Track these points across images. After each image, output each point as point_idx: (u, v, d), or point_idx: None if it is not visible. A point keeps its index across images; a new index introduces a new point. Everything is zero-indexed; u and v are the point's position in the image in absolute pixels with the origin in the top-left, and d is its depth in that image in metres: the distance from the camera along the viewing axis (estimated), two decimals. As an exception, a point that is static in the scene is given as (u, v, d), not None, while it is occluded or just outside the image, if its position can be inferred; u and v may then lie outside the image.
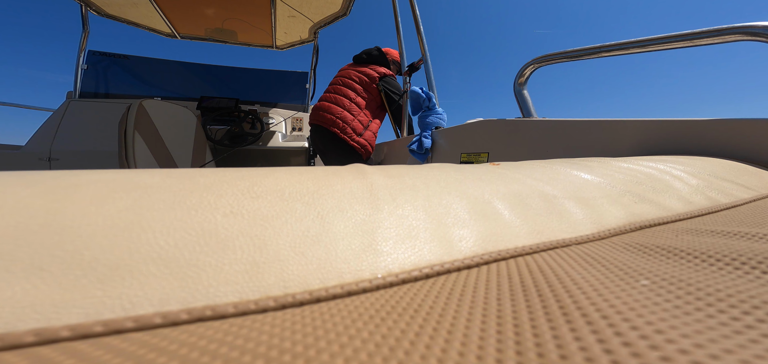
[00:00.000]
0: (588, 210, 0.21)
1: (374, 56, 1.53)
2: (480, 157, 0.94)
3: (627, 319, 0.09)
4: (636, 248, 0.16)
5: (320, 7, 2.03)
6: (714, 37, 0.51)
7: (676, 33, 0.55)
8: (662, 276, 0.12)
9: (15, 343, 0.08)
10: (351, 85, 1.43)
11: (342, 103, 1.40)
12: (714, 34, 0.50)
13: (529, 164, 0.28)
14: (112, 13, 2.04)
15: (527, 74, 0.85)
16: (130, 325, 0.09)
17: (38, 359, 0.08)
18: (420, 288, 0.12)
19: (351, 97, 1.41)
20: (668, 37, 0.56)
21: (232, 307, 0.10)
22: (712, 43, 0.52)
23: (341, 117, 1.37)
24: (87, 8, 1.94)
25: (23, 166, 1.62)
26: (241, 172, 0.17)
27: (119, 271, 0.10)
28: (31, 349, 0.08)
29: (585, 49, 0.70)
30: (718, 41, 0.51)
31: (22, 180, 0.13)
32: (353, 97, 1.41)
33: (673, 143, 0.51)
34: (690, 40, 0.53)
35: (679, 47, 0.56)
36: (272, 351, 0.08)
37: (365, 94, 1.41)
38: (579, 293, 0.11)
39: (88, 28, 2.00)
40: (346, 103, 1.40)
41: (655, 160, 0.33)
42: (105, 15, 2.04)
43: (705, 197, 0.26)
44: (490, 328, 0.09)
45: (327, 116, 1.38)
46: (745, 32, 0.47)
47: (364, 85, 1.42)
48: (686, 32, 0.54)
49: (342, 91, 1.43)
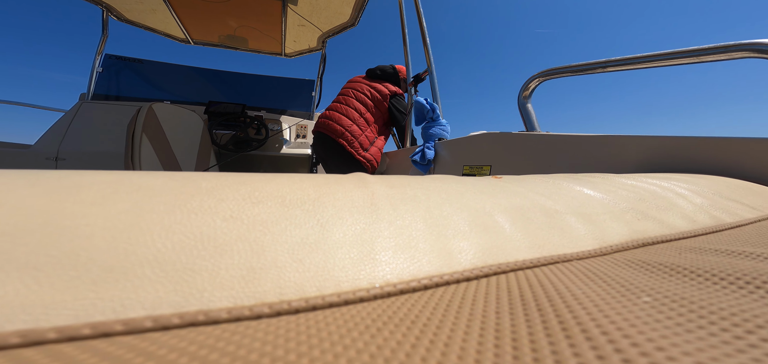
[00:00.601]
0: (590, 226, 0.20)
1: (388, 74, 1.55)
2: (482, 170, 0.94)
3: (627, 335, 0.09)
4: (638, 265, 0.16)
5: (330, 17, 2.08)
6: (721, 54, 0.51)
7: (683, 49, 0.55)
8: (664, 293, 0.12)
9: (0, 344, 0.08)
10: (362, 99, 1.44)
11: (351, 115, 1.41)
12: (721, 50, 0.50)
13: (531, 178, 0.28)
14: (132, 19, 2.11)
15: (532, 88, 0.86)
16: (120, 328, 0.09)
17: (21, 361, 0.08)
18: (418, 299, 0.12)
19: (361, 111, 1.42)
20: (674, 53, 0.56)
21: (226, 312, 0.10)
22: (719, 60, 0.52)
23: (350, 130, 1.38)
24: (108, 13, 2.01)
25: (30, 165, 1.65)
26: (243, 177, 0.17)
27: (113, 273, 0.10)
28: (15, 350, 0.08)
29: (591, 63, 0.71)
30: (725, 58, 0.51)
31: (25, 179, 0.13)
32: (363, 112, 1.42)
33: (678, 161, 0.51)
34: (696, 56, 0.54)
35: (685, 63, 0.56)
36: (264, 359, 0.08)
37: (375, 111, 1.43)
38: (579, 308, 0.11)
39: (108, 33, 2.07)
40: (355, 116, 1.41)
41: (659, 177, 0.33)
42: (125, 20, 2.11)
43: (709, 215, 0.26)
44: (487, 341, 0.09)
45: (336, 127, 1.39)
46: (752, 49, 0.47)
47: (375, 102, 1.44)
48: (693, 49, 0.54)
49: (352, 104, 1.43)
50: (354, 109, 1.42)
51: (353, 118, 1.40)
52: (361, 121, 1.41)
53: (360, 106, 1.43)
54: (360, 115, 1.41)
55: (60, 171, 0.15)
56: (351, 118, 1.40)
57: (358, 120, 1.40)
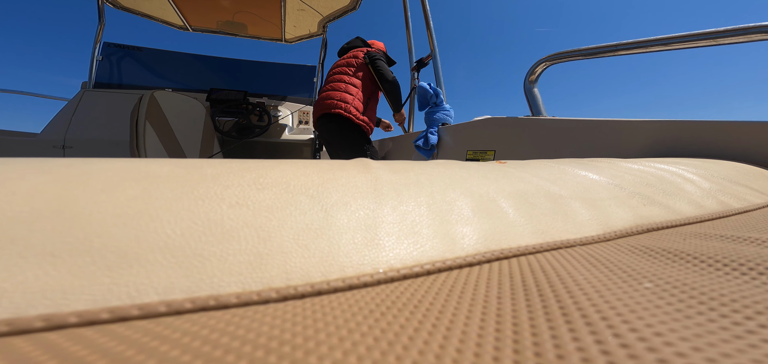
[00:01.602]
0: (594, 211, 0.20)
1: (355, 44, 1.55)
2: (486, 155, 0.94)
3: (626, 321, 0.09)
4: (642, 251, 0.16)
5: (330, 1, 2.02)
6: (737, 36, 0.49)
7: (698, 31, 0.53)
8: (666, 279, 0.12)
9: (25, 328, 0.09)
10: (343, 71, 1.46)
11: (339, 87, 1.43)
12: (737, 32, 0.48)
13: (535, 163, 0.27)
14: (127, 6, 2.08)
15: (538, 72, 0.84)
16: (136, 313, 0.09)
17: (46, 344, 0.08)
18: (421, 284, 0.12)
19: (346, 80, 1.43)
20: (689, 36, 0.54)
21: (235, 297, 0.10)
22: (735, 42, 0.50)
23: (341, 98, 1.40)
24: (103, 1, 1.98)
25: (38, 153, 1.67)
26: (247, 163, 0.17)
27: (127, 259, 0.11)
28: (39, 334, 0.08)
29: (600, 47, 0.68)
30: (742, 40, 0.49)
31: (37, 167, 0.13)
32: (348, 80, 1.43)
33: (687, 145, 0.50)
34: (712, 39, 0.51)
35: (700, 46, 0.54)
36: (273, 342, 0.08)
37: (358, 78, 1.43)
38: (580, 294, 0.11)
39: (104, 21, 2.04)
40: (342, 86, 1.42)
41: (666, 162, 0.33)
42: (120, 7, 2.08)
43: (716, 201, 0.25)
44: (488, 326, 0.09)
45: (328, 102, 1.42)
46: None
47: (354, 68, 1.44)
48: (708, 31, 0.52)
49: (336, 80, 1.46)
50: (340, 82, 1.45)
51: (341, 88, 1.43)
52: (349, 87, 1.43)
53: (344, 77, 1.45)
54: (347, 84, 1.43)
55: (69, 159, 0.15)
56: (340, 90, 1.43)
57: (346, 88, 1.43)
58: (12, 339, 0.08)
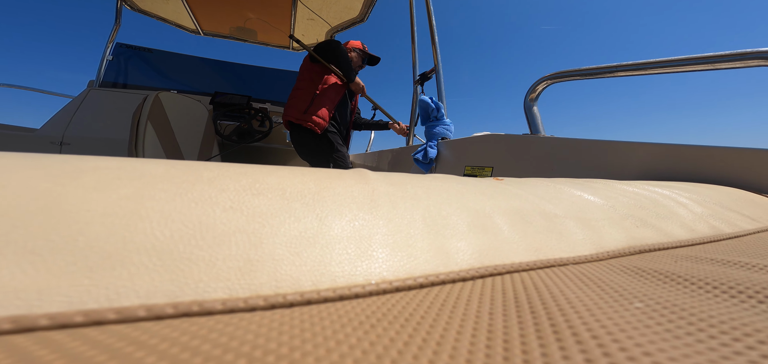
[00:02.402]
0: (588, 231, 0.21)
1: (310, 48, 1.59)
2: (484, 171, 0.94)
3: (616, 340, 0.09)
4: (633, 272, 0.16)
5: (339, 12, 2.07)
6: (734, 62, 0.50)
7: (696, 55, 0.54)
8: (656, 300, 0.12)
9: None
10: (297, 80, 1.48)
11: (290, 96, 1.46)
12: (735, 58, 0.50)
13: (532, 181, 0.28)
14: (145, 9, 2.13)
15: (539, 90, 0.85)
16: (112, 316, 0.09)
17: (12, 348, 0.08)
18: (413, 297, 0.12)
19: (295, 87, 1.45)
20: (687, 59, 0.55)
21: (221, 304, 0.10)
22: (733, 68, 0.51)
23: (287, 106, 1.43)
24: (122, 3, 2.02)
25: (35, 149, 1.67)
26: (244, 168, 0.17)
27: (110, 260, 0.10)
28: (6, 337, 0.08)
29: (600, 67, 0.70)
30: (740, 66, 0.50)
31: (30, 162, 0.13)
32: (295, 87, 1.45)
33: (683, 169, 0.51)
34: (709, 63, 0.53)
35: (697, 70, 0.55)
36: (256, 351, 0.08)
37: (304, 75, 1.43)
38: (572, 312, 0.11)
39: (120, 22, 2.08)
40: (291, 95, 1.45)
41: (661, 185, 0.33)
42: (138, 10, 2.13)
43: (708, 225, 0.26)
44: (479, 342, 0.09)
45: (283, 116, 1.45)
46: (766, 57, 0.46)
47: (302, 70, 1.46)
48: (706, 55, 0.53)
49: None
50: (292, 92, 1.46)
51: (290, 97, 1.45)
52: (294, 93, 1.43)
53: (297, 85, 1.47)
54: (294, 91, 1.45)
55: (63, 155, 0.15)
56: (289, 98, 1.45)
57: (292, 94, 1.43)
58: None
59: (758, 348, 0.09)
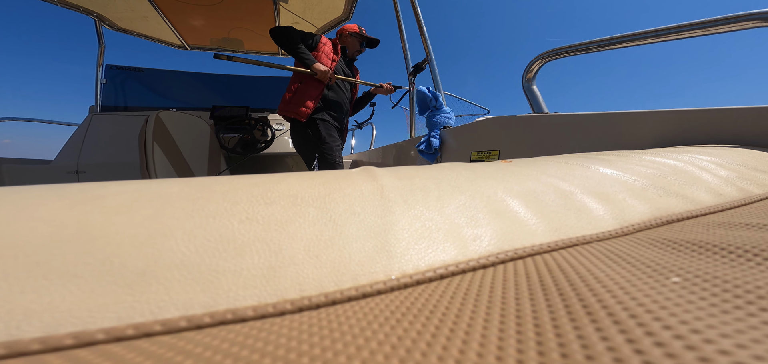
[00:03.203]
0: (609, 205, 0.20)
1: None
2: (491, 155, 0.93)
3: (658, 318, 0.08)
4: (663, 244, 0.15)
5: (323, 12, 2.06)
6: (731, 24, 0.48)
7: (692, 21, 0.53)
8: (695, 273, 0.11)
9: (56, 346, 0.09)
10: None
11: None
12: (731, 20, 0.48)
13: (542, 160, 0.27)
14: (125, 27, 2.14)
15: (535, 69, 0.83)
16: (158, 328, 0.10)
17: (77, 360, 0.08)
18: (435, 288, 0.12)
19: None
20: (683, 26, 0.54)
21: (252, 310, 0.11)
22: (730, 31, 0.50)
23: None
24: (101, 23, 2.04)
25: (53, 180, 1.71)
26: (254, 178, 0.18)
27: (146, 277, 0.11)
28: (70, 351, 0.09)
29: (595, 41, 0.68)
30: (736, 28, 0.49)
31: (53, 193, 0.14)
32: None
33: (697, 134, 0.49)
34: (705, 28, 0.51)
35: (694, 36, 0.53)
36: (291, 354, 0.08)
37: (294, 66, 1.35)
38: (604, 292, 0.10)
39: (104, 43, 2.10)
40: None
41: (679, 150, 0.32)
42: (118, 29, 2.14)
43: (736, 188, 0.24)
44: (509, 328, 0.09)
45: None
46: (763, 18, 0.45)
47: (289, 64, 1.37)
48: (702, 20, 0.52)
49: None
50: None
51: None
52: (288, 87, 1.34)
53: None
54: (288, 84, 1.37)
55: (83, 184, 0.16)
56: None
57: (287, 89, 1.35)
58: (46, 357, 0.08)
59: None
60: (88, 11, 1.91)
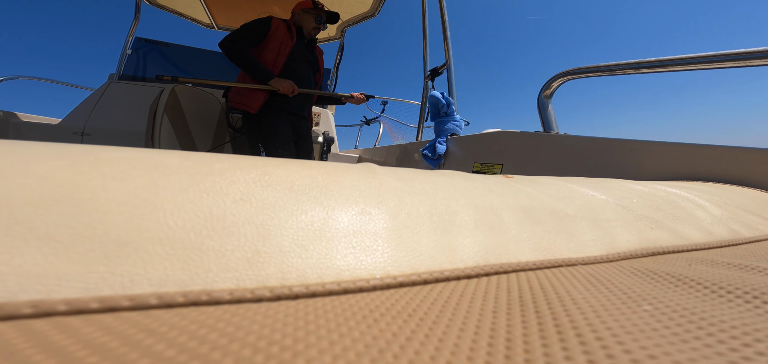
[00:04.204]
0: (599, 232, 0.20)
1: None
2: (493, 168, 0.93)
3: (621, 342, 0.09)
4: (645, 274, 0.15)
5: (351, 6, 2.06)
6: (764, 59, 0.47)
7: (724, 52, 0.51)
8: (666, 303, 0.12)
9: (12, 314, 0.08)
10: None
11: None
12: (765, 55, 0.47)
13: (543, 180, 0.27)
14: (162, 3, 2.18)
15: (554, 87, 0.83)
16: (126, 304, 0.09)
17: (30, 331, 0.08)
18: (417, 293, 0.12)
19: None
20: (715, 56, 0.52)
21: (229, 293, 0.10)
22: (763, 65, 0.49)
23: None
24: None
25: (57, 139, 1.73)
26: (255, 160, 0.18)
27: (126, 248, 0.10)
28: (26, 321, 0.08)
29: (620, 64, 0.67)
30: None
31: (53, 152, 0.14)
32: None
33: (702, 171, 0.49)
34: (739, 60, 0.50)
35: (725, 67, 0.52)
36: (262, 341, 0.08)
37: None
38: (577, 313, 0.11)
39: (139, 17, 2.14)
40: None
41: (678, 185, 0.32)
42: (156, 5, 2.19)
43: (727, 228, 0.25)
44: (481, 340, 0.09)
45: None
46: None
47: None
48: (735, 52, 0.50)
49: None
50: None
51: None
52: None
53: None
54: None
55: (84, 145, 0.15)
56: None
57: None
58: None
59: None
60: None
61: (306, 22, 1.28)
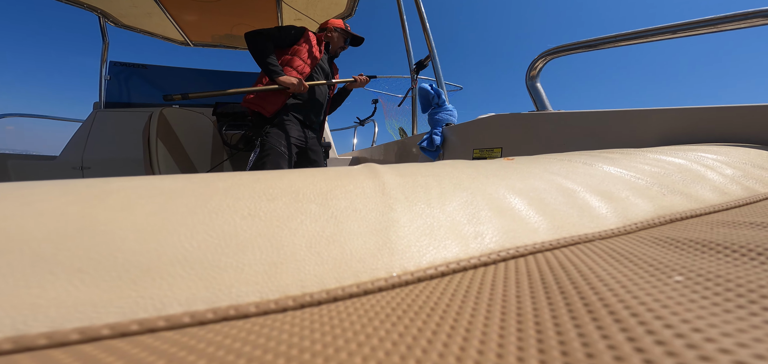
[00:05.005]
0: (611, 203, 0.20)
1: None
2: (493, 152, 0.93)
3: (660, 317, 0.08)
4: (666, 243, 0.15)
5: (325, 9, 2.06)
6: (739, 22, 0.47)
7: (698, 19, 0.52)
8: (697, 272, 0.11)
9: (62, 341, 0.09)
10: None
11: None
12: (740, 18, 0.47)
13: (545, 158, 0.27)
14: (128, 24, 2.15)
15: (539, 67, 0.83)
16: (162, 324, 0.10)
17: (83, 356, 0.08)
18: (436, 286, 0.12)
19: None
20: (690, 24, 0.53)
21: (254, 306, 0.11)
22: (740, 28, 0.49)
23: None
24: (104, 20, 2.05)
25: (58, 175, 1.73)
26: (256, 175, 0.18)
27: (150, 273, 0.11)
28: (76, 346, 0.09)
29: (599, 39, 0.67)
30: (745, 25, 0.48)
31: (59, 188, 0.14)
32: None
33: (704, 133, 0.48)
34: (714, 26, 0.50)
35: (702, 33, 0.52)
36: (293, 350, 0.08)
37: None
38: (605, 290, 0.10)
39: (108, 40, 2.11)
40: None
41: (684, 149, 0.31)
42: (121, 26, 2.15)
43: (742, 187, 0.24)
44: (510, 326, 0.09)
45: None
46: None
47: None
48: (710, 18, 0.51)
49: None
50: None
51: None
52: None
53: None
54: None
55: (88, 179, 0.16)
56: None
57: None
58: (51, 352, 0.09)
59: None
60: (92, 8, 1.91)
61: (336, 41, 1.38)
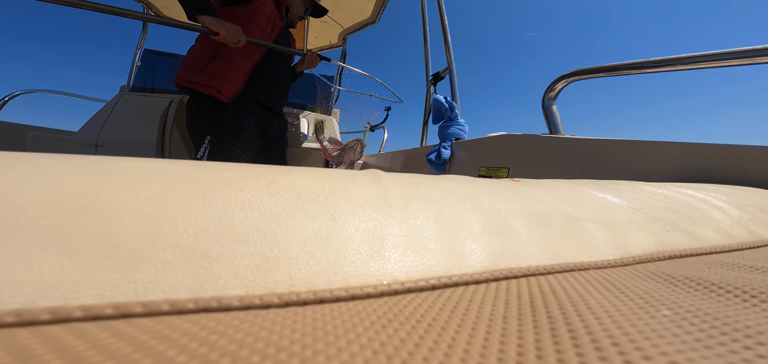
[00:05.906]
0: (612, 235, 0.20)
1: None
2: (499, 172, 0.92)
3: (639, 348, 0.09)
4: (662, 278, 0.15)
5: (351, 14, 2.10)
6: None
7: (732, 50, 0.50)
8: (687, 308, 0.11)
9: (31, 320, 0.09)
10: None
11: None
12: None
13: (551, 183, 0.27)
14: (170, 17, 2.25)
15: (558, 89, 0.82)
16: (139, 310, 0.10)
17: (48, 338, 0.08)
18: (425, 299, 0.12)
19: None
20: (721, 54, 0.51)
21: (238, 300, 0.11)
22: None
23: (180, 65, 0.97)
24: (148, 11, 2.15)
25: (73, 150, 1.79)
26: (262, 168, 0.18)
27: (139, 256, 0.11)
28: (44, 327, 0.09)
29: (624, 64, 0.66)
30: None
31: (68, 164, 0.14)
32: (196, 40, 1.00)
33: (718, 171, 0.47)
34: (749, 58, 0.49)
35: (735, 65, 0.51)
36: (270, 348, 0.08)
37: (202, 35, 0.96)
38: (591, 318, 0.11)
39: (147, 30, 2.21)
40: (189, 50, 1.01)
41: (694, 187, 0.31)
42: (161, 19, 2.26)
43: (747, 230, 0.24)
44: (492, 346, 0.09)
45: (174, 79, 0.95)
46: None
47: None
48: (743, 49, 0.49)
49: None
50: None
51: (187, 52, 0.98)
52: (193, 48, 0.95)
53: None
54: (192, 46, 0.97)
55: (98, 157, 0.16)
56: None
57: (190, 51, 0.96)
58: (16, 331, 0.08)
59: None
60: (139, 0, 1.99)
61: (295, 6, 1.13)
